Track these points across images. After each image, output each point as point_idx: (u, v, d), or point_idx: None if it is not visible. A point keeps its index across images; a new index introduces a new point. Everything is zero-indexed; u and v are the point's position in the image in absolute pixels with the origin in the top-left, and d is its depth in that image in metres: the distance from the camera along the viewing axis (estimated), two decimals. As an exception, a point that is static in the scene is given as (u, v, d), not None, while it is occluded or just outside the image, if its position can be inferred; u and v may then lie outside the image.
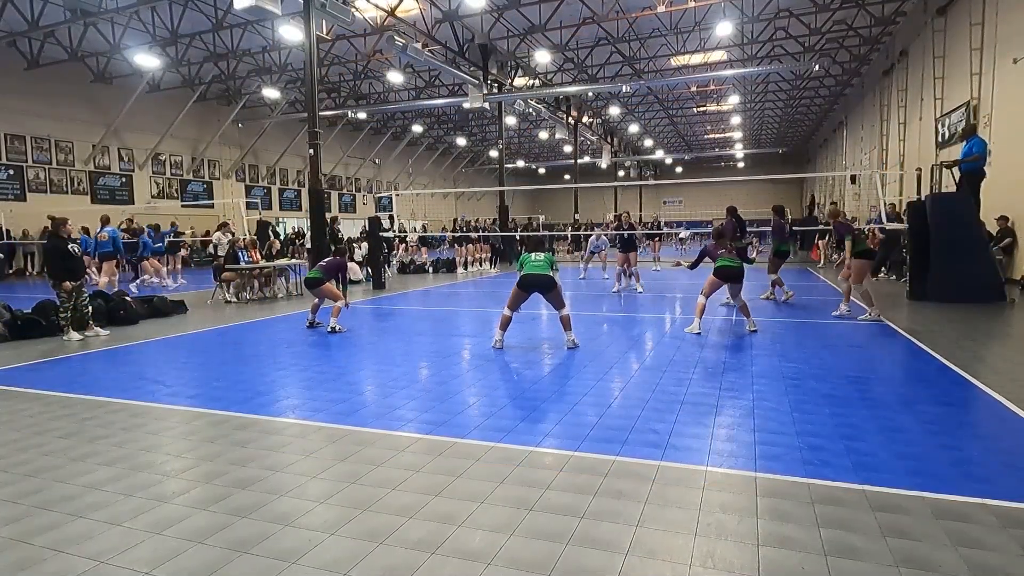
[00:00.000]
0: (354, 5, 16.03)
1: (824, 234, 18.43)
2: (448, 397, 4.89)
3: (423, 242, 26.42)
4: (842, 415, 4.20)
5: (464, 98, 22.58)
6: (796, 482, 3.14)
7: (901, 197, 17.01)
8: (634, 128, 38.29)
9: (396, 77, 23.25)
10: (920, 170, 15.35)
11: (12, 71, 20.22)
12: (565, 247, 30.12)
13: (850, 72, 26.68)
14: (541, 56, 21.91)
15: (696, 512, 2.83)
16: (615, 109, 32.34)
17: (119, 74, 22.49)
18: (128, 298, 9.51)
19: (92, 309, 8.26)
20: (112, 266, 13.37)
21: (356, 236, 25.50)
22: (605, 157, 37.47)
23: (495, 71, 22.69)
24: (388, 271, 17.07)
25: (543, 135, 35.94)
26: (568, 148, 36.80)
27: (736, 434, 3.88)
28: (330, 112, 28.07)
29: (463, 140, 40.63)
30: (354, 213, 37.40)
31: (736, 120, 38.62)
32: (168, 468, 3.52)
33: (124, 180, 24.68)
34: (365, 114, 29.61)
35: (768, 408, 4.40)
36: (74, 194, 22.63)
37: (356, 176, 38.69)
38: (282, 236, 24.81)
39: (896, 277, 13.26)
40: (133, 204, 24.29)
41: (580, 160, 35.02)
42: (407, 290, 14.16)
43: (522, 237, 23.09)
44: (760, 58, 24.47)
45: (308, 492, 3.15)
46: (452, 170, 48.46)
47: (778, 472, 3.26)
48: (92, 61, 21.70)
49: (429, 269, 19.86)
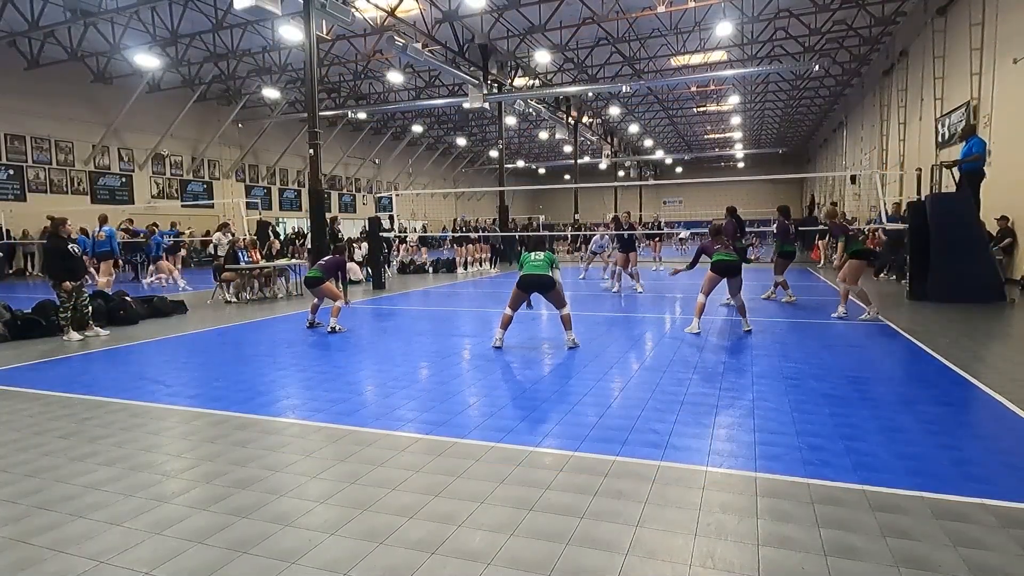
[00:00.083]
0: (354, 5, 16.03)
1: (824, 234, 18.42)
2: (448, 397, 4.89)
3: (423, 242, 26.43)
4: (842, 415, 4.20)
5: (464, 98, 22.58)
6: (796, 482, 3.14)
7: (901, 197, 17.01)
8: (634, 128, 38.29)
9: (396, 77, 23.25)
10: (920, 170, 15.35)
11: (12, 71, 20.23)
12: (565, 247, 30.12)
13: (850, 72, 26.68)
14: (541, 56, 21.90)
15: (696, 512, 2.83)
16: (615, 109, 32.33)
17: (119, 74, 22.49)
18: (128, 298, 9.51)
19: (92, 309, 8.26)
20: (109, 266, 13.33)
21: (356, 236, 25.51)
22: (605, 157, 37.47)
23: (495, 71, 22.69)
24: (388, 271, 17.07)
25: (543, 135, 35.93)
26: (568, 148, 36.80)
27: (736, 434, 3.88)
28: (330, 112, 28.08)
29: (463, 140, 40.62)
30: (354, 213, 37.40)
31: (736, 120, 38.62)
32: (168, 468, 3.52)
33: (124, 180, 24.68)
34: (365, 114, 29.59)
35: (768, 408, 4.40)
36: (74, 194, 22.63)
37: (356, 176, 38.68)
38: (282, 236, 24.80)
39: (896, 277, 13.25)
40: (133, 204, 24.31)
41: (580, 160, 35.02)
42: (407, 290, 14.16)
43: (522, 237, 23.11)
44: (760, 58, 24.46)
45: (308, 492, 3.15)
46: (452, 170, 48.45)
47: (778, 472, 3.26)
48: (92, 61, 21.70)
49: (429, 269, 19.86)
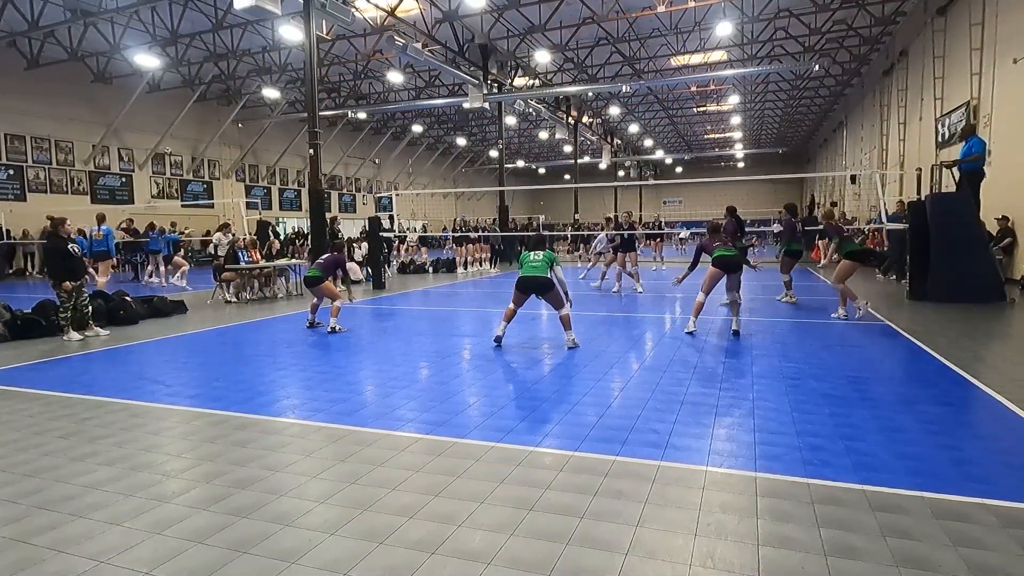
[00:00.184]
0: (354, 5, 16.03)
1: (824, 234, 18.38)
2: (448, 397, 4.89)
3: (423, 242, 26.43)
4: (842, 415, 4.20)
5: (464, 98, 22.58)
6: (796, 482, 3.14)
7: (902, 197, 17.00)
8: (634, 128, 38.29)
9: (396, 77, 23.26)
10: (920, 170, 15.35)
11: (12, 71, 20.23)
12: (565, 247, 30.11)
13: (850, 72, 26.68)
14: (541, 56, 21.91)
15: (696, 512, 2.83)
16: (615, 109, 32.33)
17: (119, 74, 22.49)
18: (128, 298, 9.51)
19: (92, 309, 8.26)
20: (108, 266, 13.24)
21: (356, 236, 25.51)
22: (605, 157, 37.47)
23: (495, 71, 22.69)
24: (388, 271, 17.08)
25: (543, 135, 35.94)
26: (568, 148, 36.80)
27: (736, 434, 3.88)
28: (330, 112, 28.07)
29: (463, 140, 40.62)
30: (354, 213, 37.41)
31: (736, 120, 38.62)
32: (168, 468, 3.52)
33: (124, 180, 24.69)
34: (365, 114, 29.59)
35: (768, 408, 4.39)
36: (74, 194, 22.63)
37: (356, 176, 38.68)
38: (282, 236, 24.81)
39: (896, 278, 13.25)
40: (133, 204, 24.32)
41: (580, 160, 35.01)
42: (407, 290, 14.16)
43: (522, 236, 23.10)
44: (760, 58, 24.46)
45: (308, 492, 3.15)
46: (452, 170, 48.45)
47: (778, 472, 3.26)
48: (92, 61, 21.71)
49: (429, 269, 19.86)
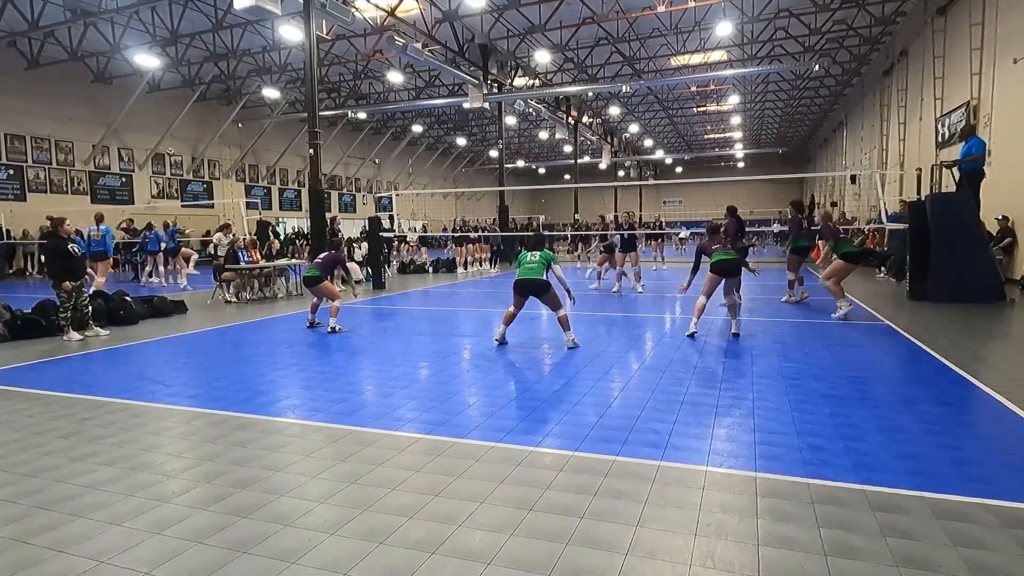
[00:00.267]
0: (354, 5, 16.03)
1: (822, 235, 18.36)
2: (448, 397, 4.89)
3: (423, 242, 26.43)
4: (842, 415, 4.20)
5: (464, 98, 22.58)
6: (796, 482, 3.14)
7: (902, 197, 17.01)
8: (634, 128, 38.29)
9: (396, 77, 23.25)
10: (920, 170, 15.36)
11: (12, 71, 20.23)
12: (565, 247, 30.09)
13: (850, 72, 26.68)
14: (541, 56, 21.91)
15: (696, 512, 2.83)
16: (615, 109, 32.34)
17: (119, 74, 22.50)
18: (128, 298, 9.52)
19: (92, 309, 8.26)
20: (105, 266, 13.14)
21: (356, 236, 25.51)
22: (605, 157, 37.46)
23: (495, 71, 22.69)
24: (388, 271, 17.08)
25: (543, 135, 35.94)
26: (568, 148, 36.80)
27: (736, 434, 3.88)
28: (330, 112, 28.07)
29: (463, 140, 40.62)
30: (354, 213, 37.40)
31: (736, 120, 38.62)
32: (168, 468, 3.51)
33: (124, 180, 24.69)
34: (365, 114, 29.60)
35: (768, 408, 4.39)
36: (74, 194, 22.64)
37: (356, 176, 38.68)
38: (282, 236, 24.81)
39: (896, 278, 13.24)
40: (133, 204, 24.33)
41: (580, 160, 35.02)
42: (407, 290, 14.16)
43: (523, 236, 23.09)
44: (760, 58, 24.47)
45: (308, 492, 3.15)
46: (452, 170, 48.45)
47: (778, 472, 3.26)
48: (92, 61, 21.71)
49: (429, 269, 19.87)
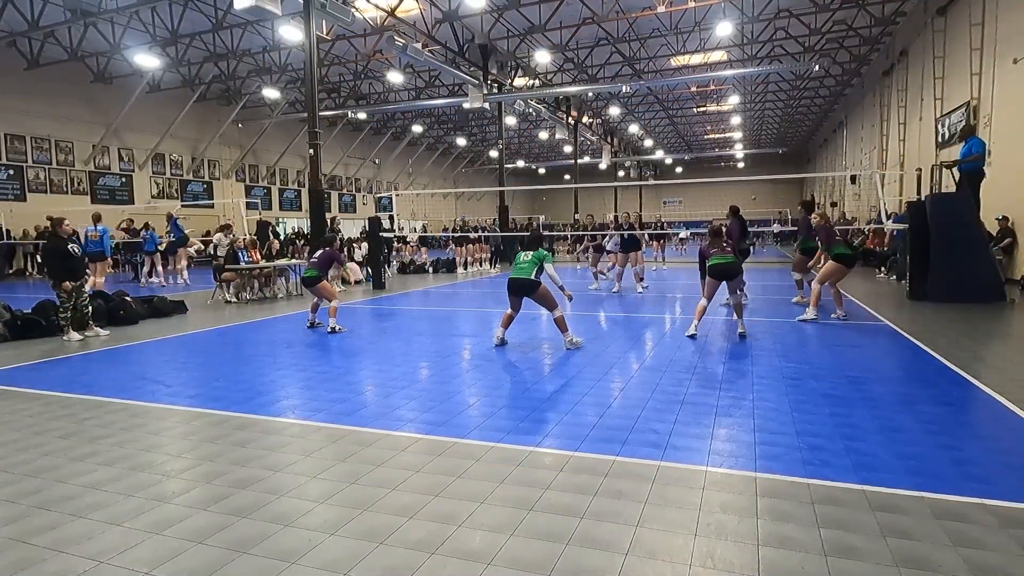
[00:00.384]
0: (354, 5, 16.04)
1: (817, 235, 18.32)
2: (448, 397, 4.89)
3: (423, 242, 26.43)
4: (842, 415, 4.20)
5: (464, 98, 22.58)
6: (796, 482, 3.13)
7: (901, 197, 17.01)
8: (634, 128, 38.31)
9: (396, 77, 23.26)
10: (920, 170, 15.35)
11: (12, 71, 20.24)
12: (565, 247, 30.09)
13: (850, 72, 26.68)
14: (541, 56, 21.91)
15: (696, 512, 2.83)
16: (615, 109, 32.34)
17: (119, 74, 22.50)
18: (128, 298, 9.52)
19: (92, 309, 8.26)
20: (103, 267, 13.08)
21: (356, 236, 25.51)
22: (605, 157, 37.48)
23: (495, 71, 22.70)
24: (388, 271, 17.08)
25: (543, 135, 35.94)
26: (568, 148, 36.81)
27: (736, 434, 3.88)
28: (330, 112, 28.09)
29: (463, 140, 40.63)
30: (354, 213, 37.42)
31: (736, 120, 38.63)
32: (168, 468, 3.51)
33: (124, 180, 24.70)
34: (365, 114, 29.61)
35: (768, 408, 4.39)
36: (74, 194, 22.64)
37: (356, 176, 38.69)
38: (282, 236, 24.81)
39: (896, 278, 13.25)
40: (133, 204, 24.33)
41: (580, 160, 35.03)
42: (407, 290, 14.16)
43: (521, 236, 23.07)
44: (760, 58, 24.47)
45: (308, 492, 3.15)
46: (452, 170, 48.47)
47: (778, 472, 3.26)
48: (92, 61, 21.72)
49: (429, 269, 19.87)
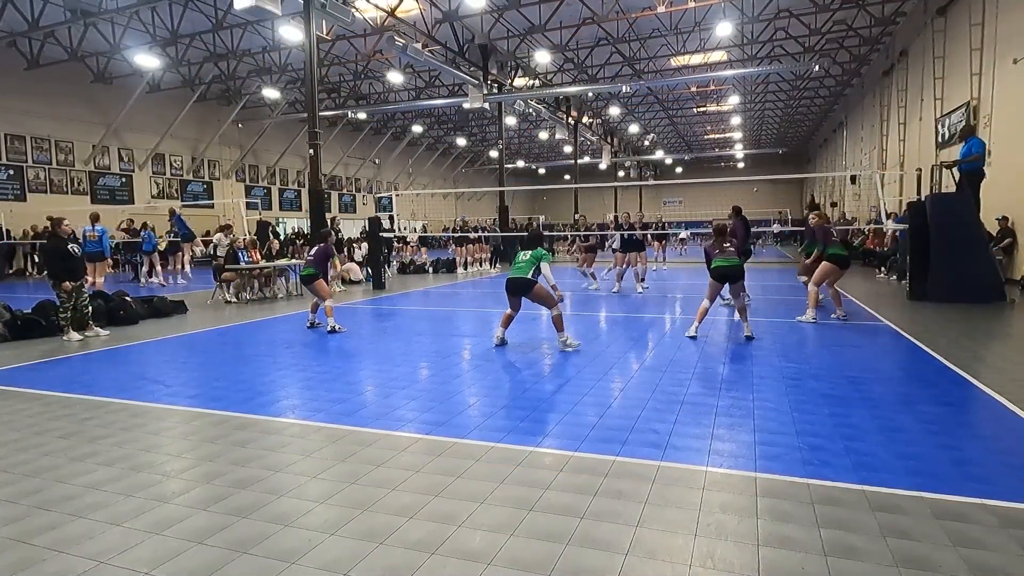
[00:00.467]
0: (354, 5, 16.03)
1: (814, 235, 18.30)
2: (448, 397, 4.89)
3: (423, 242, 26.42)
4: (842, 415, 4.20)
5: (464, 98, 22.58)
6: (796, 482, 3.14)
7: (901, 197, 17.01)
8: (634, 128, 38.30)
9: (396, 77, 23.26)
10: (920, 170, 15.35)
11: (12, 71, 20.24)
12: (565, 247, 30.07)
13: (850, 72, 26.68)
14: (541, 56, 21.91)
15: (696, 512, 2.83)
16: (615, 109, 32.34)
17: (119, 74, 22.50)
18: (128, 298, 9.52)
19: (92, 309, 8.26)
20: (102, 267, 13.01)
21: (356, 236, 25.49)
22: (605, 157, 37.48)
23: (495, 71, 22.69)
24: (388, 271, 17.08)
25: (543, 135, 35.93)
26: (568, 148, 36.81)
27: (736, 434, 3.88)
28: (330, 112, 28.09)
29: (463, 140, 40.64)
30: (354, 213, 37.42)
31: (736, 120, 38.63)
32: (168, 468, 3.51)
33: (124, 180, 24.70)
34: (365, 114, 29.62)
35: (768, 408, 4.39)
36: (74, 194, 22.65)
37: (356, 176, 38.69)
38: (282, 236, 24.80)
39: (896, 277, 13.25)
40: (133, 204, 24.33)
41: (580, 160, 35.03)
42: (407, 290, 14.16)
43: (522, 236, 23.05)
44: (760, 58, 24.47)
45: (308, 492, 3.15)
46: (452, 170, 48.47)
47: (778, 472, 3.26)
48: (92, 61, 21.71)
49: (429, 269, 19.87)
